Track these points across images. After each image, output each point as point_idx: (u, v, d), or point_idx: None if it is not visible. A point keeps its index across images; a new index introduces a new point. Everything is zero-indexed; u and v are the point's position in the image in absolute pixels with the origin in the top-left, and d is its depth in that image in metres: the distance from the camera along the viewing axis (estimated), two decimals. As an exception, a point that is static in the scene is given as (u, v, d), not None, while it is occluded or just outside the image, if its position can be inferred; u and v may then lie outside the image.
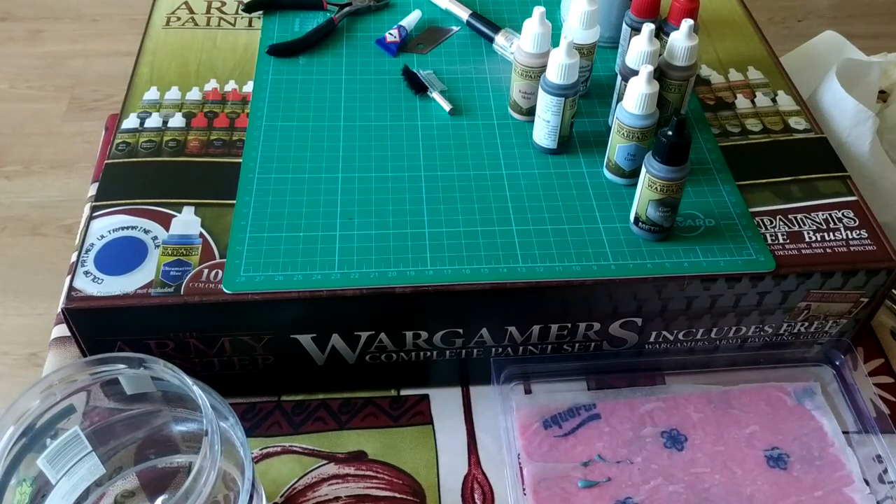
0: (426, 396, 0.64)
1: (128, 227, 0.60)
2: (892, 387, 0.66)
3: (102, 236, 0.59)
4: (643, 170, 0.58)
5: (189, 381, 0.48)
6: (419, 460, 0.61)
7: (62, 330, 0.67)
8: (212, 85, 0.72)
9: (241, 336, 0.58)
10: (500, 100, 0.72)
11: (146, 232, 0.59)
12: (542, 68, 0.65)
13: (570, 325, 0.60)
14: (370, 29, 0.79)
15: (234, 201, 0.62)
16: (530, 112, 0.68)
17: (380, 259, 0.58)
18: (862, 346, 0.68)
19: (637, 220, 0.60)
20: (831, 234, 0.61)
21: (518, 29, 0.69)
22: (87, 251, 0.58)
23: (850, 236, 0.61)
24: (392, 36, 0.77)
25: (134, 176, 0.64)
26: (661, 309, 0.60)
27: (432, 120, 0.69)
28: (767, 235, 0.61)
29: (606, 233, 0.61)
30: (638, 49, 0.63)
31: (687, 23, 0.63)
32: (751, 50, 0.79)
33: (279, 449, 0.61)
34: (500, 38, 0.76)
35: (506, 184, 0.64)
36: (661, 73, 0.64)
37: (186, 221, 0.60)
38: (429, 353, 0.62)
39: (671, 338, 0.63)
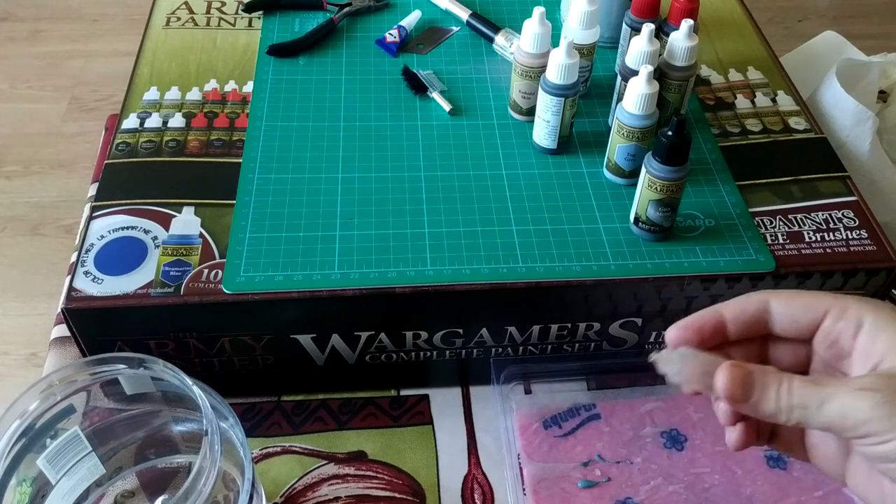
0: (426, 396, 0.64)
1: (128, 228, 0.60)
2: (892, 387, 0.66)
3: (102, 236, 0.59)
4: (643, 170, 0.58)
5: (189, 381, 0.48)
6: (419, 460, 0.61)
7: (62, 330, 0.67)
8: (212, 85, 0.72)
9: (241, 336, 0.58)
10: (500, 100, 0.72)
11: (146, 232, 0.59)
12: (542, 68, 0.65)
13: (570, 325, 0.60)
14: (370, 29, 0.79)
15: (234, 201, 0.62)
16: (530, 112, 0.68)
17: (380, 259, 0.58)
18: (862, 346, 0.68)
19: (637, 220, 0.60)
20: (831, 234, 0.61)
21: (518, 29, 0.69)
22: (87, 251, 0.58)
23: (850, 236, 0.61)
24: (392, 36, 0.77)
25: (134, 176, 0.64)
26: (661, 309, 0.60)
27: (432, 120, 0.69)
28: (767, 235, 0.61)
29: (606, 233, 0.61)
30: (638, 49, 0.63)
31: (687, 23, 0.63)
32: (751, 50, 0.79)
33: (279, 449, 0.61)
34: (500, 38, 0.76)
35: (506, 184, 0.64)
36: (661, 74, 0.64)
37: (186, 221, 0.60)
38: (429, 353, 0.62)
39: (671, 338, 0.63)
